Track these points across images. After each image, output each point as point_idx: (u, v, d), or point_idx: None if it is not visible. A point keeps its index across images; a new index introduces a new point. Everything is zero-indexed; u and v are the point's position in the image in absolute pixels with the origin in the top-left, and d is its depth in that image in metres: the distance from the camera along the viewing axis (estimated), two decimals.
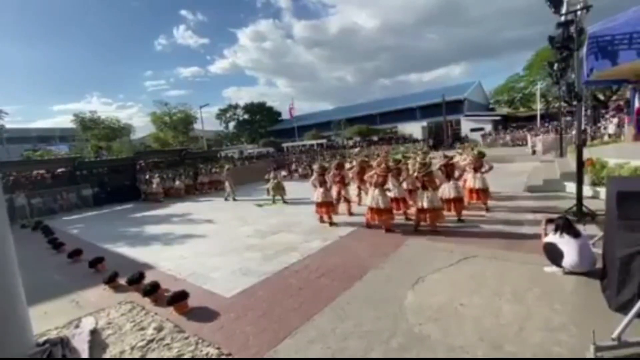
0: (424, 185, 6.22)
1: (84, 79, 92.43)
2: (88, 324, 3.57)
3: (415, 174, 6.51)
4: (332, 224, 7.42)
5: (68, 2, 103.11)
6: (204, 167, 19.74)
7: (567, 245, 3.86)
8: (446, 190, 6.84)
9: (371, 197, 6.57)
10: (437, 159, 8.25)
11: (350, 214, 8.19)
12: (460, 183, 7.49)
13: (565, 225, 3.97)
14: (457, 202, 6.81)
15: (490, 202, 7.55)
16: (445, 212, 6.53)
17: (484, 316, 3.21)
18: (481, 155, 7.77)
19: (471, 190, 7.62)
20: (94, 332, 3.42)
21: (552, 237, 4.04)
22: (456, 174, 7.27)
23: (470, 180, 7.60)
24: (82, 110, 35.07)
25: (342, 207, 8.27)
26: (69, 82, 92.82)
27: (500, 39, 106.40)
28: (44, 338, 2.99)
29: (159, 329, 3.41)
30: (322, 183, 7.68)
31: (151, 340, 3.29)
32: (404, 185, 7.41)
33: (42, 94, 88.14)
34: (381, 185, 6.59)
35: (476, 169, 7.55)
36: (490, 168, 7.52)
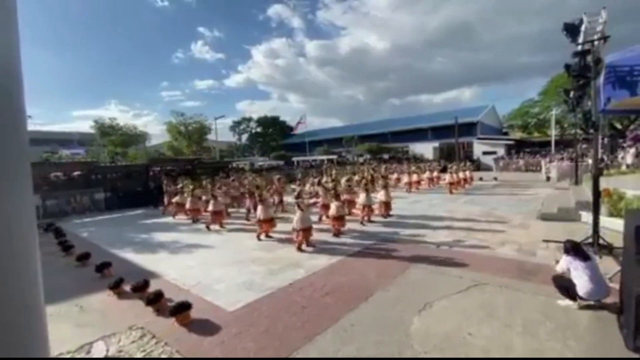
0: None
1: (102, 86, 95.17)
2: (99, 350, 3.56)
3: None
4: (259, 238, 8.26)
5: (90, 12, 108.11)
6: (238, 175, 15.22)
7: (577, 272, 3.71)
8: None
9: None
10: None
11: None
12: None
13: (573, 248, 3.85)
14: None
15: (501, 227, 7.36)
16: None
17: (493, 348, 3.09)
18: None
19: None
20: None
21: (563, 262, 3.92)
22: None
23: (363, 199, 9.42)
24: (101, 117, 36.16)
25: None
26: (88, 89, 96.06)
27: (511, 64, 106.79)
28: None
29: None
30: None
31: None
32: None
33: (62, 99, 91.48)
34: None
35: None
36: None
